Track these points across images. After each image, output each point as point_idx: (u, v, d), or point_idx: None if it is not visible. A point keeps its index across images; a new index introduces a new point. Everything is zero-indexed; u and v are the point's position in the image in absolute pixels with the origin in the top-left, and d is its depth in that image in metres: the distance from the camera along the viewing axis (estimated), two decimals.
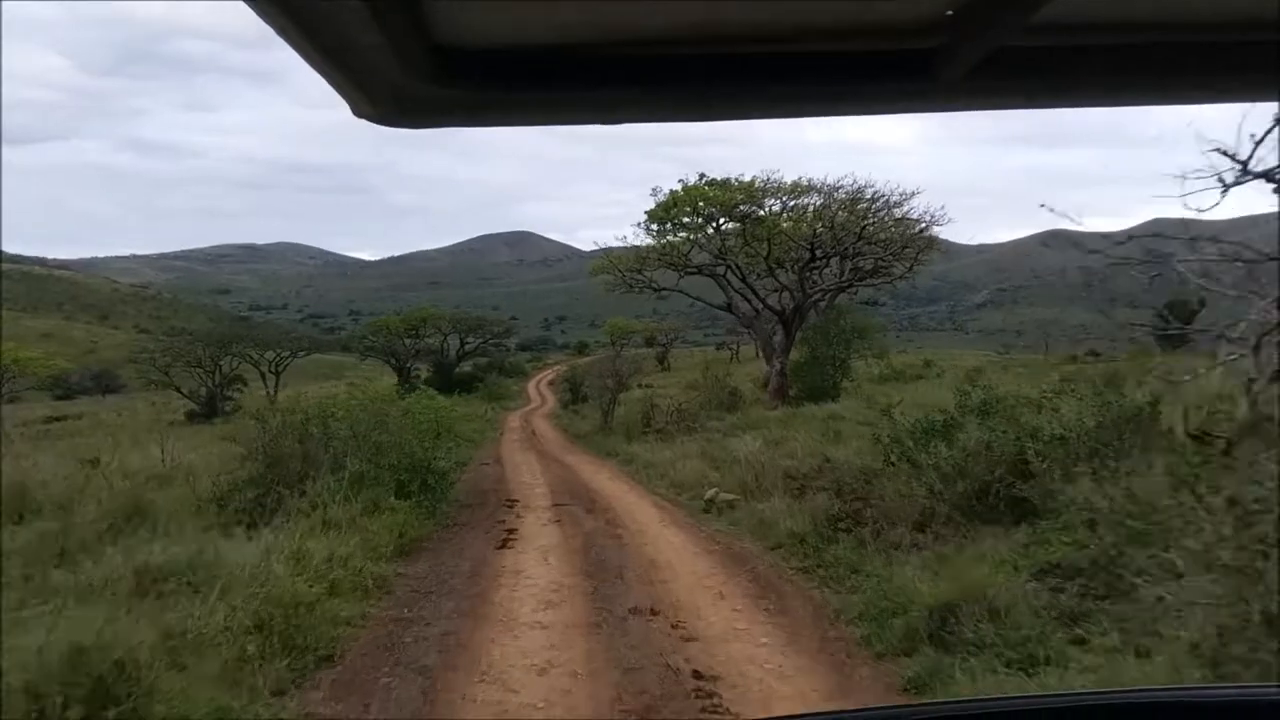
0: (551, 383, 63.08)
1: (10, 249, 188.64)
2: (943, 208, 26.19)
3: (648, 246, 28.07)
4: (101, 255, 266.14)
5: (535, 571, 7.83)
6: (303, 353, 55.63)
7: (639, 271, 28.40)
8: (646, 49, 0.88)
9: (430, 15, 0.80)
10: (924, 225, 25.70)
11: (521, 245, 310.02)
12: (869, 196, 25.44)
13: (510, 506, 11.86)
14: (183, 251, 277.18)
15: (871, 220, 25.28)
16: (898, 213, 25.51)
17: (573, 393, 42.32)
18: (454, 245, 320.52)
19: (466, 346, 58.85)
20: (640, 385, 44.70)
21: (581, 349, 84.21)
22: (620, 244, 28.08)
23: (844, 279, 26.79)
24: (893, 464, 9.48)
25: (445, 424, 12.90)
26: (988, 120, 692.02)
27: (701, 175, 26.91)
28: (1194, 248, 6.40)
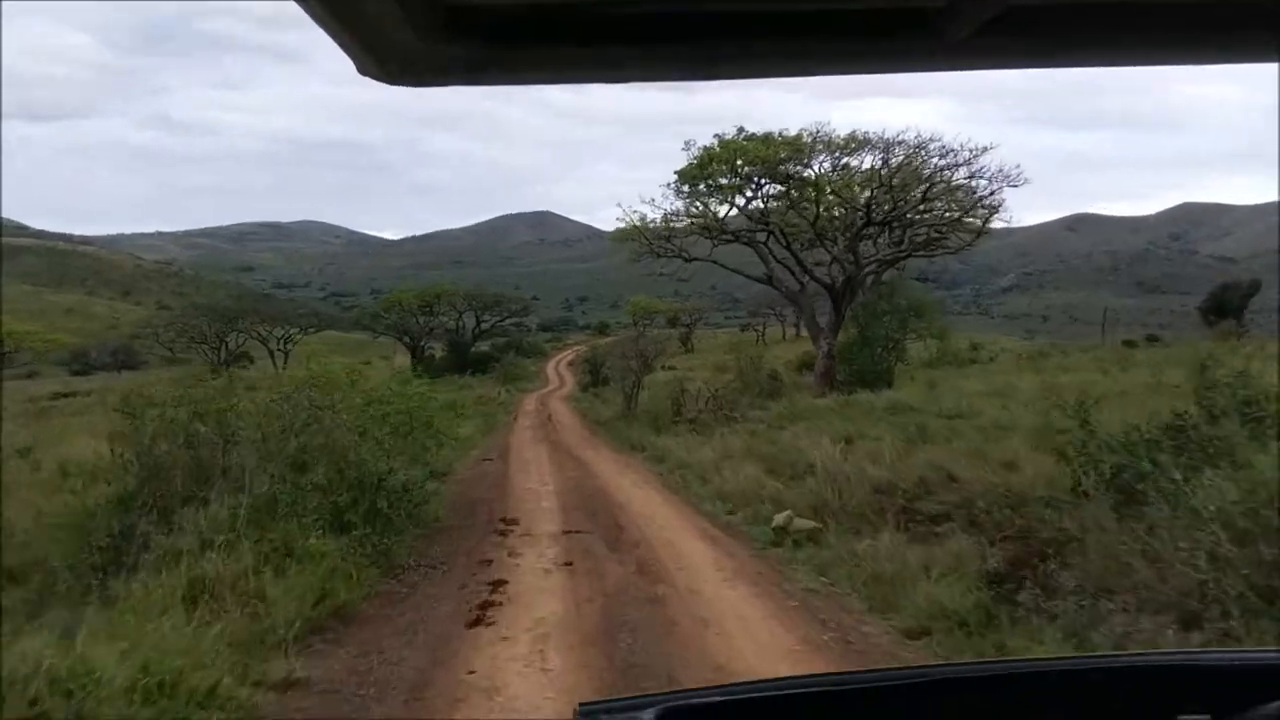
0: (571, 364, 59.78)
1: (36, 225, 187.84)
2: (1018, 166, 22.26)
3: (675, 214, 24.55)
4: (127, 232, 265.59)
5: (521, 691, 4.48)
6: (312, 329, 52.55)
7: (668, 239, 24.86)
8: (650, 5, 0.87)
9: None
10: (995, 188, 21.98)
11: (543, 225, 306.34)
12: (935, 151, 21.74)
13: (504, 534, 8.52)
14: (207, 229, 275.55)
15: (939, 180, 21.60)
16: (963, 172, 21.78)
17: (593, 375, 39.00)
18: (476, 225, 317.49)
19: (483, 325, 55.55)
20: (664, 367, 41.42)
21: (602, 329, 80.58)
22: (649, 207, 24.52)
23: (902, 248, 23.15)
24: (1086, 493, 6.02)
25: (420, 418, 9.50)
26: (1010, 101, 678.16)
27: (740, 129, 23.31)
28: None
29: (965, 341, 41.15)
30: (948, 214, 22.78)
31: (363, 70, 0.86)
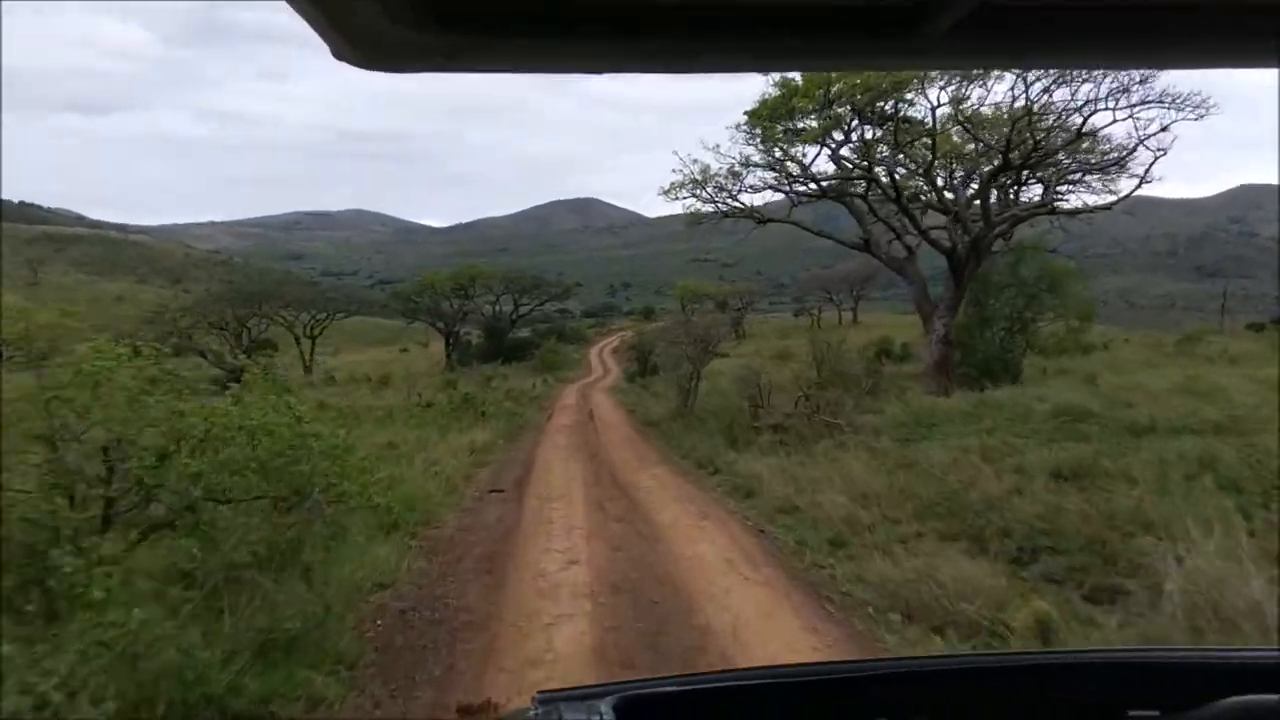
0: (615, 350, 54.86)
1: (92, 216, 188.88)
2: (1200, 92, 16.52)
3: (744, 163, 19.26)
4: (181, 222, 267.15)
5: None
6: (342, 314, 48.22)
7: (733, 195, 19.62)
8: None
9: None
10: (1179, 118, 16.30)
11: (587, 212, 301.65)
12: (1084, 78, 16.14)
13: None
14: (258, 219, 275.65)
15: (1102, 106, 16.03)
16: (1134, 96, 16.15)
17: (641, 363, 33.95)
18: (520, 212, 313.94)
19: (521, 309, 50.81)
20: (718, 354, 36.29)
21: (647, 314, 75.04)
22: (712, 155, 19.27)
23: (1045, 198, 17.61)
24: None
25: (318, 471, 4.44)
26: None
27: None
28: None
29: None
30: (1105, 155, 17.17)
31: (338, 55, 0.84)
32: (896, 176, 17.64)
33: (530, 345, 48.03)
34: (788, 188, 19.10)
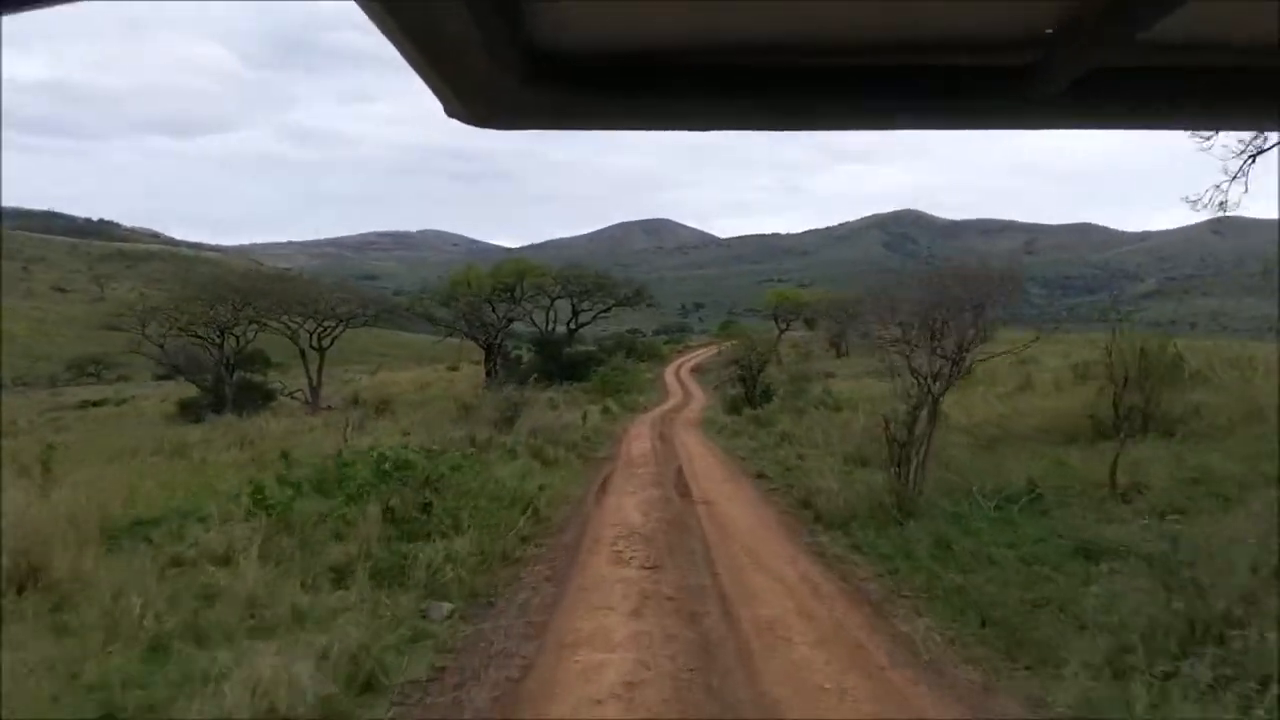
0: (697, 369, 43.82)
1: (177, 236, 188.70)
2: None
3: None
4: (261, 241, 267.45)
5: None
6: (360, 321, 37.89)
7: None
8: (737, 57, 0.85)
9: (526, 18, 0.79)
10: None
11: (659, 232, 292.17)
12: None
13: None
14: (334, 239, 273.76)
15: None
16: None
17: (747, 385, 22.74)
18: (592, 232, 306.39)
19: (581, 316, 40.15)
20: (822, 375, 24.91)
21: (725, 328, 62.87)
22: None
23: None
24: None
25: None
26: None
27: None
28: None
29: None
30: None
31: (450, 112, 0.85)
32: None
33: (594, 361, 37.13)
34: None
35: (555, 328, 39.71)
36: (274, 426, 20.97)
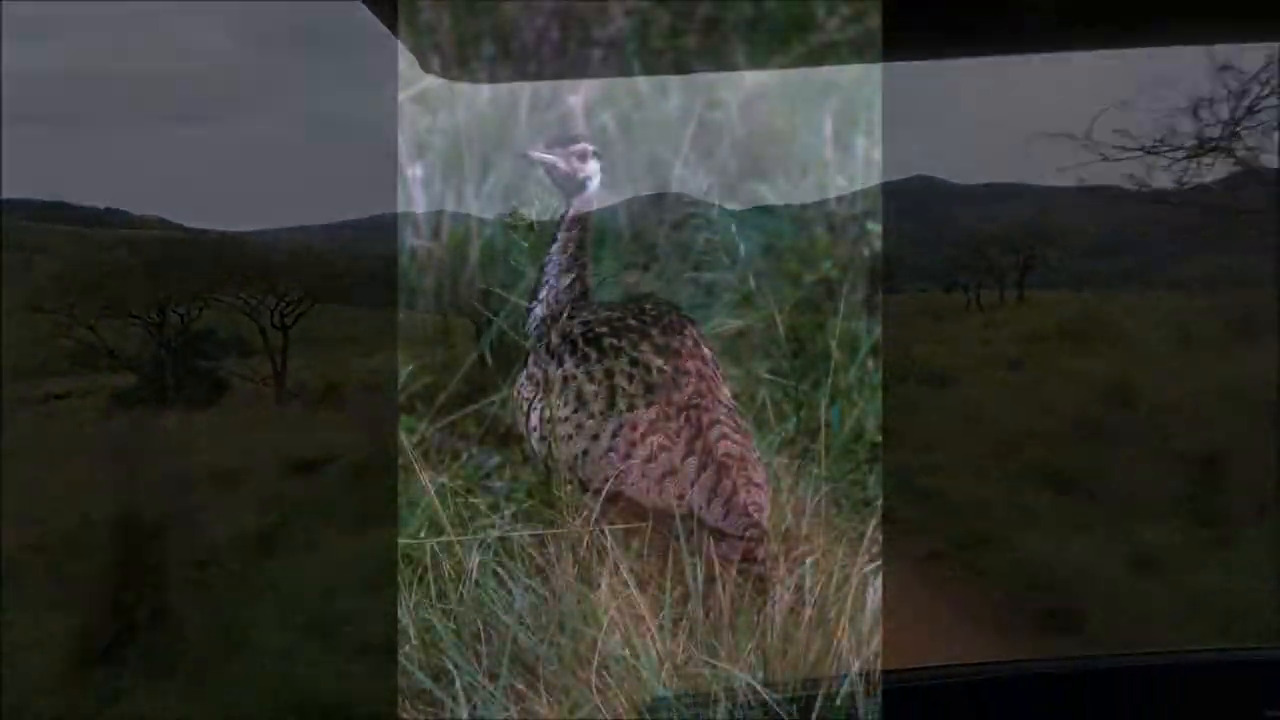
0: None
1: (189, 224, 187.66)
2: None
3: None
4: (273, 227, 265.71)
5: None
6: (325, 296, 33.23)
7: None
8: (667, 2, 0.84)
9: None
10: None
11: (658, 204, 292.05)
12: None
13: None
14: (348, 221, 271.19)
15: None
16: None
17: None
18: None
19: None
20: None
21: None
22: None
23: None
24: None
25: None
26: None
27: None
28: None
29: None
30: None
31: (425, 67, 0.89)
32: None
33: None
34: None
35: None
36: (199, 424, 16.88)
